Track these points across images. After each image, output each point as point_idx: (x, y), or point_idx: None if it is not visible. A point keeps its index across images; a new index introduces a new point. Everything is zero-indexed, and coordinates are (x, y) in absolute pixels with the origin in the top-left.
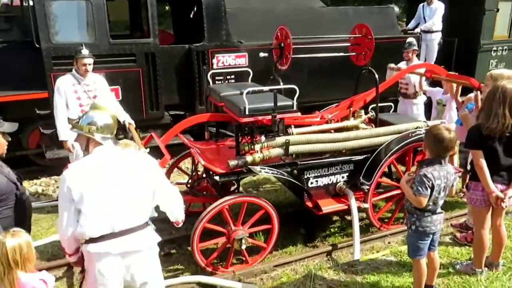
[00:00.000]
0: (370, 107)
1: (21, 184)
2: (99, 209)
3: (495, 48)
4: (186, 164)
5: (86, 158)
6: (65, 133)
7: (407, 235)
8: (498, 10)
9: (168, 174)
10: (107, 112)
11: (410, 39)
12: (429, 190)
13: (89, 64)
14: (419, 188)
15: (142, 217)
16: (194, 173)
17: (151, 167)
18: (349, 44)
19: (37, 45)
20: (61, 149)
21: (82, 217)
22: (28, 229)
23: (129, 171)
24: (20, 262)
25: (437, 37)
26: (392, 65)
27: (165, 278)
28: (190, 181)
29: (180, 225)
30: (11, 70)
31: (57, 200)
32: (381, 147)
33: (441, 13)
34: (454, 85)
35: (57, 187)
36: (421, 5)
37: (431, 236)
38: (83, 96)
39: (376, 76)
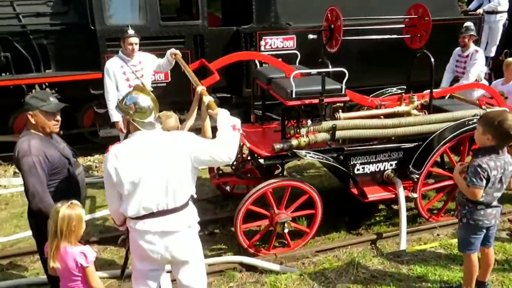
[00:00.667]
0: (425, 92)
1: (76, 159)
2: (137, 192)
3: None
4: None
5: (126, 142)
6: (116, 114)
7: (457, 228)
8: None
9: None
10: (149, 95)
11: (468, 23)
12: (484, 181)
13: (135, 44)
14: (473, 179)
15: (181, 198)
16: (239, 155)
17: (188, 144)
18: (403, 25)
19: (92, 28)
20: (114, 128)
21: (124, 199)
22: (81, 203)
23: (167, 155)
24: (65, 233)
25: (502, 18)
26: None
27: (208, 256)
28: (235, 163)
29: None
30: (68, 52)
31: None
32: (434, 134)
33: None
34: None
35: None
36: None
37: (484, 230)
38: (131, 77)
39: (432, 60)
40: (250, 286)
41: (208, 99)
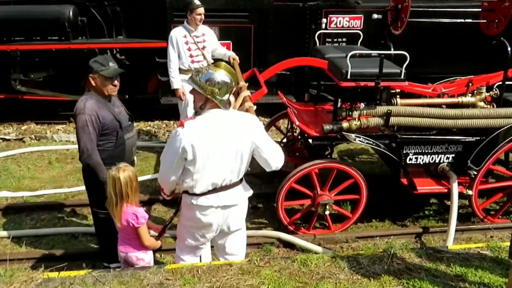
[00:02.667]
0: (496, 84)
1: (131, 124)
2: (208, 170)
3: None
4: (285, 124)
5: (201, 119)
6: (177, 82)
7: None
8: None
9: (266, 130)
10: (227, 72)
11: None
12: None
13: (203, 14)
14: None
15: (240, 175)
16: (289, 133)
17: (256, 129)
18: (480, 10)
19: None
20: (174, 97)
21: (191, 175)
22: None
23: (237, 135)
24: (130, 194)
25: None
26: None
27: (249, 229)
28: (284, 140)
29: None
30: (138, 20)
31: (165, 143)
32: (500, 130)
33: None
34: None
35: (168, 130)
36: None
37: None
38: (193, 47)
39: (509, 48)
40: (281, 261)
41: (249, 104)
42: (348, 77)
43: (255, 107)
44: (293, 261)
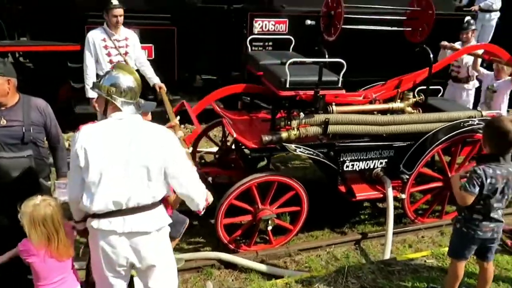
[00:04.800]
0: (417, 89)
1: (22, 142)
2: (106, 182)
3: None
4: (215, 132)
5: (101, 123)
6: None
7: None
8: None
9: (196, 142)
10: (132, 74)
11: (468, 18)
12: (477, 188)
13: (120, 16)
14: (466, 184)
15: (153, 195)
16: (223, 144)
17: (169, 144)
18: (405, 18)
19: None
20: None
21: (87, 189)
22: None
23: (144, 145)
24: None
25: (495, 17)
26: (446, 43)
27: (186, 251)
28: (218, 151)
29: (201, 214)
30: (45, 20)
31: None
32: (428, 134)
33: None
34: None
35: None
36: None
37: (477, 242)
38: (113, 52)
39: (431, 55)
40: None
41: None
42: (287, 85)
43: (190, 150)
44: None
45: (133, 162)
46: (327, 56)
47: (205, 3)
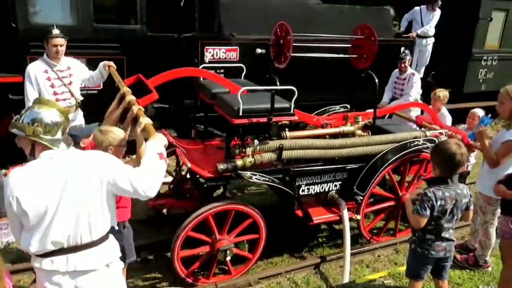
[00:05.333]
0: (367, 111)
1: None
2: (44, 224)
3: (485, 58)
4: (170, 161)
5: (30, 166)
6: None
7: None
8: (491, 19)
9: None
10: (55, 106)
11: (404, 49)
12: (428, 210)
13: (60, 46)
14: (418, 207)
15: (97, 230)
16: (177, 174)
17: (107, 168)
18: (350, 45)
19: (14, 25)
20: None
21: (25, 230)
22: None
23: (81, 179)
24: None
25: (431, 43)
26: (383, 103)
27: (141, 287)
28: (173, 181)
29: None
30: (11, 52)
31: None
32: (378, 156)
33: (437, 19)
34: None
35: None
36: (417, 8)
37: (431, 262)
38: (57, 83)
39: (376, 80)
40: None
41: (145, 121)
42: (240, 113)
43: (148, 120)
44: None
45: (70, 200)
46: (278, 83)
47: (155, 32)
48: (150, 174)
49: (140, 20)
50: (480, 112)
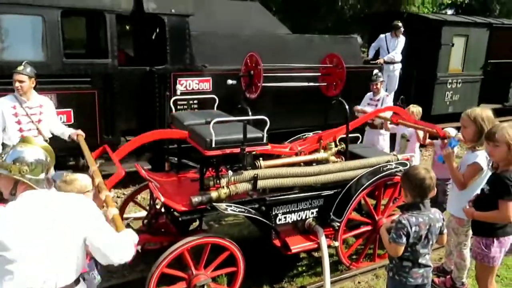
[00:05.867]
0: (339, 137)
1: None
2: (20, 268)
3: (450, 81)
4: (144, 194)
5: (10, 207)
6: None
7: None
8: (453, 44)
9: (123, 207)
10: (40, 147)
11: (376, 71)
12: (404, 238)
13: (21, 82)
14: (394, 235)
15: (71, 274)
16: (151, 208)
17: (85, 215)
18: (319, 74)
19: None
20: None
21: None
22: None
23: (61, 223)
24: None
25: (398, 68)
26: (358, 107)
27: None
28: (147, 216)
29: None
30: None
31: None
32: (352, 181)
33: (403, 45)
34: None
35: None
36: (383, 36)
37: None
38: (24, 120)
39: (347, 107)
40: None
41: (113, 212)
42: (213, 145)
43: (112, 194)
44: None
45: (47, 243)
46: (250, 113)
47: (126, 65)
48: (128, 245)
49: (110, 54)
50: (452, 132)
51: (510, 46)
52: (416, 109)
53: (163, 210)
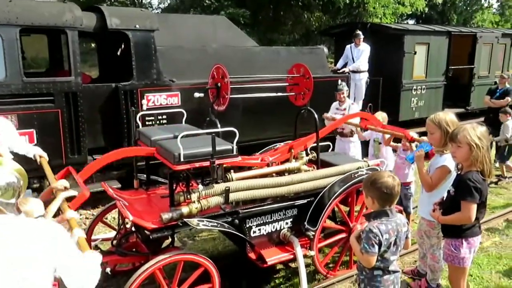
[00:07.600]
0: (310, 146)
1: None
2: None
3: (415, 87)
4: (114, 213)
5: None
6: None
7: None
8: (415, 52)
9: (92, 228)
10: (10, 168)
11: (340, 81)
12: (376, 247)
13: None
14: (366, 245)
15: None
16: (121, 227)
17: (53, 241)
18: (287, 84)
19: None
20: None
21: None
22: None
23: (25, 249)
24: None
25: (364, 77)
26: (327, 115)
27: None
28: (117, 236)
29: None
30: None
31: None
32: (325, 189)
33: (367, 54)
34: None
35: None
36: (348, 46)
37: None
38: None
39: (316, 116)
40: None
41: (79, 234)
42: (182, 159)
43: (77, 216)
44: None
45: (15, 272)
46: (219, 125)
47: (91, 82)
48: (93, 273)
49: (73, 72)
50: (416, 136)
51: (468, 52)
52: (381, 116)
53: (133, 229)
